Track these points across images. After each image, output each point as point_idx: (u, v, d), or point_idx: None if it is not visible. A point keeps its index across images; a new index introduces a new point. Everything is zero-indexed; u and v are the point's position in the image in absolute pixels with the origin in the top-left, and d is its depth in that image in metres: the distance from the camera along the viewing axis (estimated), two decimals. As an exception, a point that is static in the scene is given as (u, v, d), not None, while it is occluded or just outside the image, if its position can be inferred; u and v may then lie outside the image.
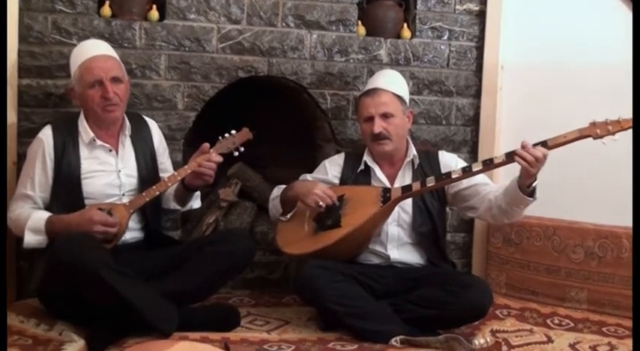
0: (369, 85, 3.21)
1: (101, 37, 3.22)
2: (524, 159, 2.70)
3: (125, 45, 3.30)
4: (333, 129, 3.65)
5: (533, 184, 2.79)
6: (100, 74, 2.84)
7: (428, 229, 3.11)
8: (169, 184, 2.90)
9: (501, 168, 3.03)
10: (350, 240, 2.94)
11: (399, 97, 3.13)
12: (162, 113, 3.38)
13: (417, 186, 2.96)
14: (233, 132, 3.03)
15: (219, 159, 2.93)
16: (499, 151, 3.49)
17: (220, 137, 2.99)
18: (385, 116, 3.06)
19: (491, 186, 3.06)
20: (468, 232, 3.82)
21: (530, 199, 2.81)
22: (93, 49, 2.92)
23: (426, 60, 3.71)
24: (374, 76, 3.32)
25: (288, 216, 3.13)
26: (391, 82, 3.18)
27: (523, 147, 2.72)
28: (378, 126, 3.04)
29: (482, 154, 3.66)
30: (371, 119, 3.07)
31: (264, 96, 3.84)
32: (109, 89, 2.83)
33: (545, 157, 2.70)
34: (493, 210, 2.95)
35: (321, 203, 2.95)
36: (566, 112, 3.39)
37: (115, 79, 2.87)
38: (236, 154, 3.03)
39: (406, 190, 2.97)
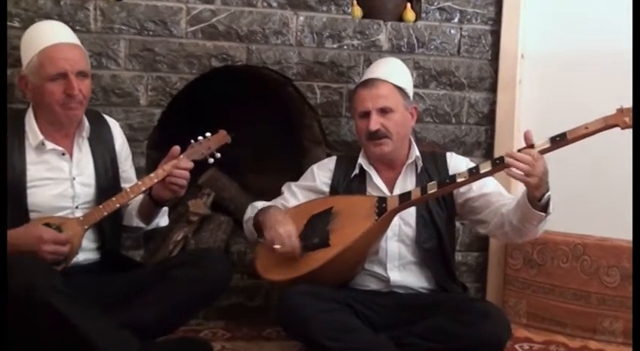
0: (366, 75, 3.20)
1: (48, 19, 3.18)
2: (515, 168, 2.66)
3: (77, 28, 3.26)
4: (323, 129, 3.65)
5: (545, 196, 2.76)
6: (65, 67, 2.81)
7: (434, 245, 3.09)
8: (132, 196, 2.87)
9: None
10: (341, 261, 2.90)
11: (401, 90, 3.12)
12: (122, 110, 3.37)
13: (416, 193, 2.92)
14: (208, 134, 3.00)
15: (190, 165, 2.90)
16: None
17: (193, 141, 2.97)
18: (384, 111, 3.05)
19: (506, 197, 3.03)
20: (482, 251, 3.83)
21: (543, 214, 2.77)
22: (57, 35, 2.88)
23: (432, 47, 3.72)
24: (372, 65, 3.31)
25: None
26: (392, 71, 3.17)
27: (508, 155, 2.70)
28: (375, 122, 3.03)
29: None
30: (367, 115, 3.06)
31: (242, 89, 3.82)
32: (74, 85, 2.81)
33: (537, 158, 2.66)
34: (505, 227, 2.92)
35: (276, 246, 2.91)
36: (599, 109, 3.25)
37: (82, 74, 2.86)
38: (211, 161, 3.01)
39: (404, 199, 2.93)
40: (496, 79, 3.78)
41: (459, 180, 2.87)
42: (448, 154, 3.22)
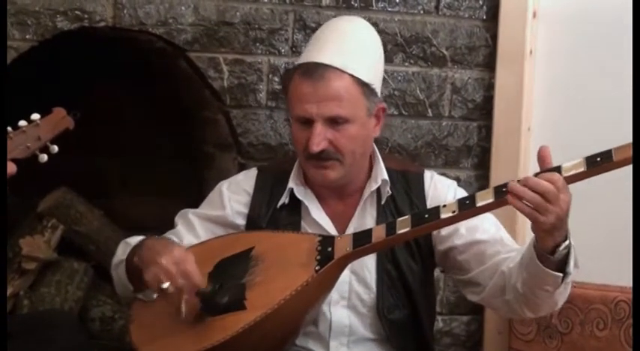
0: (312, 49, 3.05)
1: None
2: (518, 199, 2.53)
3: None
4: (233, 126, 3.64)
5: (562, 246, 2.59)
6: None
7: (404, 315, 2.97)
8: None
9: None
10: (262, 333, 2.73)
11: (365, 86, 2.93)
12: None
13: (379, 233, 2.76)
14: (35, 117, 2.76)
15: (11, 169, 2.69)
16: (530, 167, 3.48)
17: (10, 129, 2.74)
18: (334, 122, 2.88)
19: (510, 247, 2.91)
20: (474, 314, 3.88)
21: (559, 274, 2.61)
22: None
23: (398, 0, 3.71)
24: (322, 30, 3.17)
25: (154, 296, 2.94)
26: (353, 50, 2.99)
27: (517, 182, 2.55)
28: (320, 140, 2.86)
29: (498, 174, 3.73)
30: (308, 123, 2.92)
31: (107, 66, 3.83)
32: None
33: (561, 188, 2.50)
34: (507, 294, 2.79)
35: (164, 285, 2.74)
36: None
37: None
38: (44, 159, 2.76)
39: (361, 241, 2.78)
40: (495, 50, 3.81)
41: (443, 216, 2.70)
42: (427, 175, 3.09)
